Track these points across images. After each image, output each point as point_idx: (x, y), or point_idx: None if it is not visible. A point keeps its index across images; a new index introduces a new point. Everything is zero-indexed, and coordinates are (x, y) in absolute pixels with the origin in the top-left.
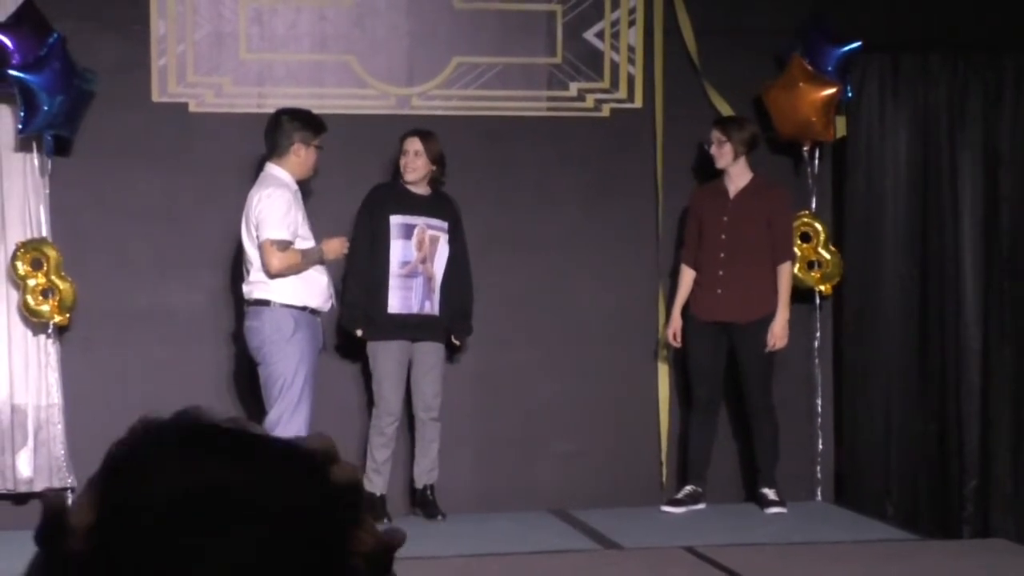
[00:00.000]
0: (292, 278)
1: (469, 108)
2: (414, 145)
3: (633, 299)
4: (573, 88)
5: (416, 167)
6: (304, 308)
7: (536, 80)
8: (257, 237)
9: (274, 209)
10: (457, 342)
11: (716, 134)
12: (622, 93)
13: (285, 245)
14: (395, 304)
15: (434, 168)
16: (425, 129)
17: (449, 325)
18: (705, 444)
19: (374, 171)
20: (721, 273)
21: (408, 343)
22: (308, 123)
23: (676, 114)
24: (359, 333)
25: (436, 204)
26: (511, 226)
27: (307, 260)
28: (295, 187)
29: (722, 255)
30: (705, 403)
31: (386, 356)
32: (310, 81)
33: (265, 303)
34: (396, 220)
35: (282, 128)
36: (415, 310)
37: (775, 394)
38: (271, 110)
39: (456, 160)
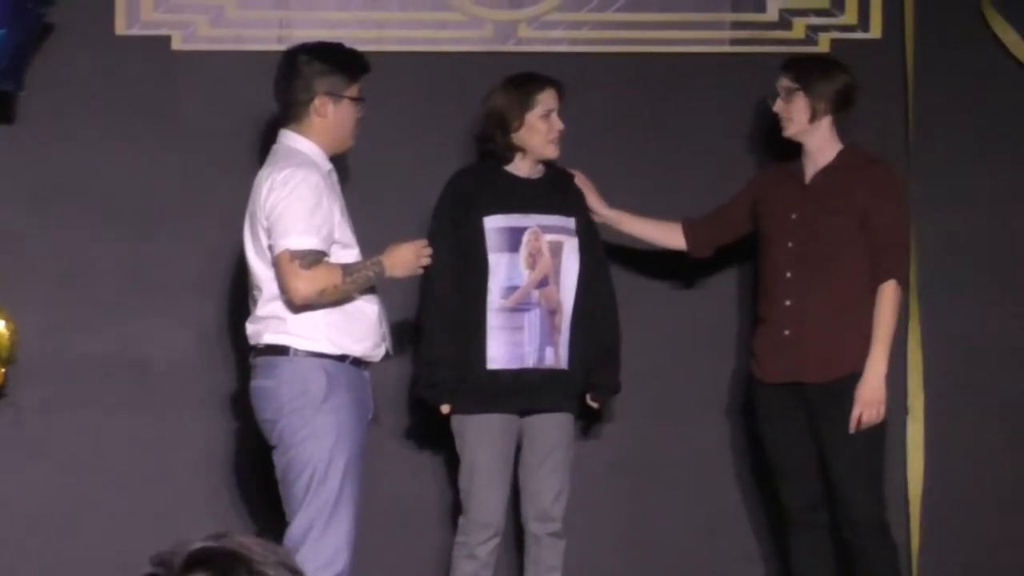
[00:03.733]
0: (323, 313)
1: (608, 42)
2: (557, 101)
3: None
4: (772, 8)
5: (559, 139)
6: (343, 358)
7: None
8: (270, 248)
9: (296, 202)
10: (595, 404)
11: (784, 82)
12: (849, 16)
13: (316, 257)
14: (498, 354)
15: None
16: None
17: (586, 380)
18: None
19: (460, 141)
20: (788, 303)
21: (515, 417)
22: (338, 63)
23: (935, 51)
24: (446, 409)
25: (554, 190)
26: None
27: (355, 280)
28: (327, 166)
29: (789, 274)
30: (801, 512)
31: (481, 437)
32: (361, 1)
33: (282, 351)
34: (494, 223)
35: (298, 74)
36: (530, 363)
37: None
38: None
39: (587, 121)
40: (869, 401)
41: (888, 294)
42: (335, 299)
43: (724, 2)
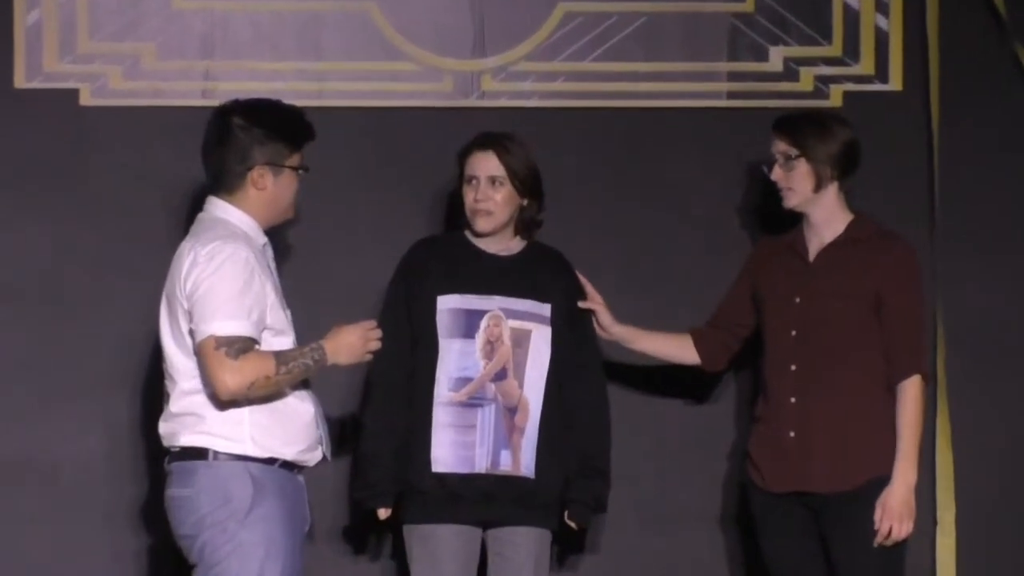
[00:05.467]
0: (249, 410)
1: (586, 95)
2: (487, 165)
3: None
4: (775, 57)
5: (494, 204)
6: (272, 461)
7: (708, 43)
8: (191, 333)
9: (222, 281)
10: (572, 523)
11: (781, 146)
12: (865, 66)
13: (245, 345)
14: (443, 456)
15: (524, 203)
16: (503, 133)
17: (563, 494)
18: None
19: (415, 211)
20: (793, 400)
21: (475, 529)
22: (280, 129)
23: (963, 104)
24: (383, 513)
25: (530, 270)
26: (661, 303)
27: (291, 371)
28: (262, 239)
29: (793, 367)
30: None
31: (431, 551)
32: (298, 50)
33: (200, 454)
34: (448, 303)
35: (233, 140)
36: (482, 467)
37: None
38: (223, 101)
39: (561, 185)
40: (898, 513)
41: (912, 392)
42: (267, 393)
43: (720, 50)
